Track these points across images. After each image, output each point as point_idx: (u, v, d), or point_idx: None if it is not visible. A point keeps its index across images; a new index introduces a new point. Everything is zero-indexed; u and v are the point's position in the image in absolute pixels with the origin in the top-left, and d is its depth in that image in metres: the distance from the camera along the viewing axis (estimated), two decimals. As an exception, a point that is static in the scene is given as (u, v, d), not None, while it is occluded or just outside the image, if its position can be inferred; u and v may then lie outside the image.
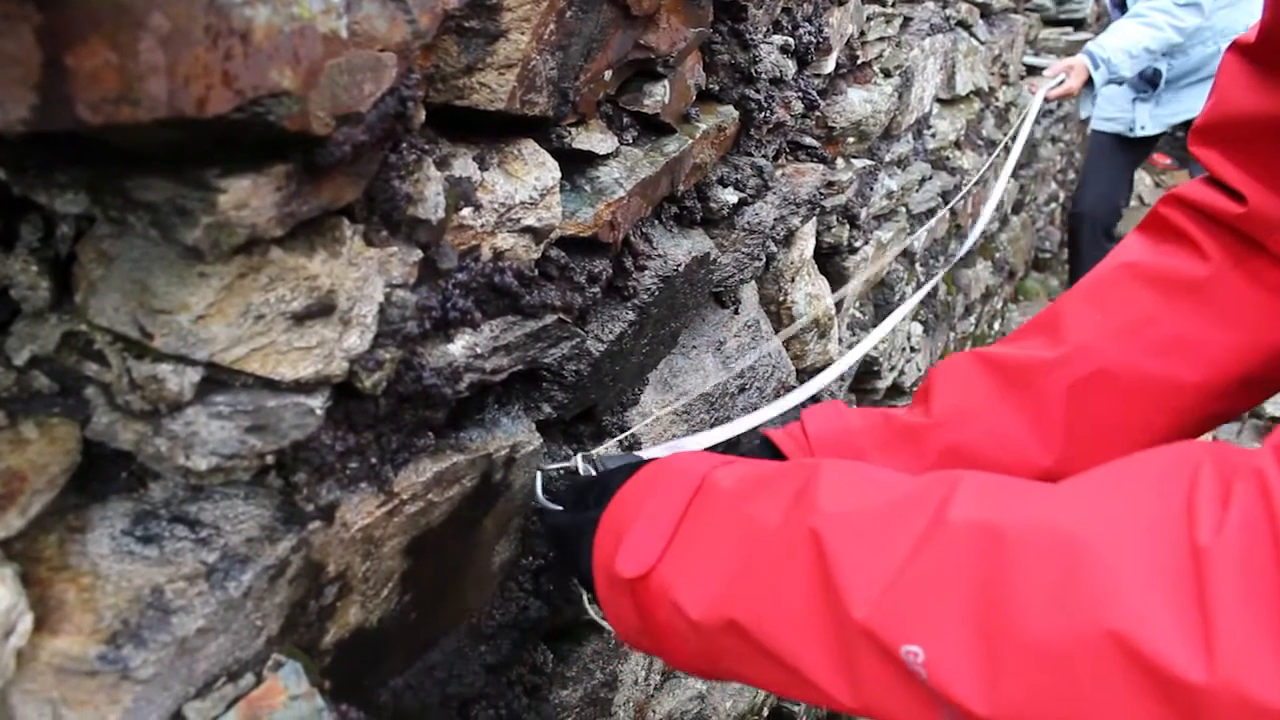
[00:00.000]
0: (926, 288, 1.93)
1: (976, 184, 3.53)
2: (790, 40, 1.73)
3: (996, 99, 4.07)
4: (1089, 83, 4.11)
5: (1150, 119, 4.90)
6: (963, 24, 3.48)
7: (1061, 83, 4.01)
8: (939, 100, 3.28)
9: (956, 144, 3.46)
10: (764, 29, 1.61)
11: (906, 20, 2.74)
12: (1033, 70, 5.19)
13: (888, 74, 2.56)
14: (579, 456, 1.26)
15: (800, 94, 1.84)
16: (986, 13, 3.88)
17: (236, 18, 0.67)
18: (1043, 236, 6.32)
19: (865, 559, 0.86)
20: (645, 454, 1.41)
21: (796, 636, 0.89)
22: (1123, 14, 4.57)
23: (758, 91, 1.59)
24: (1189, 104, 4.74)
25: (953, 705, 0.78)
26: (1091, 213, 5.25)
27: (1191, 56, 4.62)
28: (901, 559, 0.84)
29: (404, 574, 1.06)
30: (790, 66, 1.73)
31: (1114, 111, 5.02)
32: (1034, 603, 0.74)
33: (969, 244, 2.21)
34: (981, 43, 3.67)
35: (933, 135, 3.17)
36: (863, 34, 2.32)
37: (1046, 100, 3.94)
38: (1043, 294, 6.14)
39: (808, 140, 2.05)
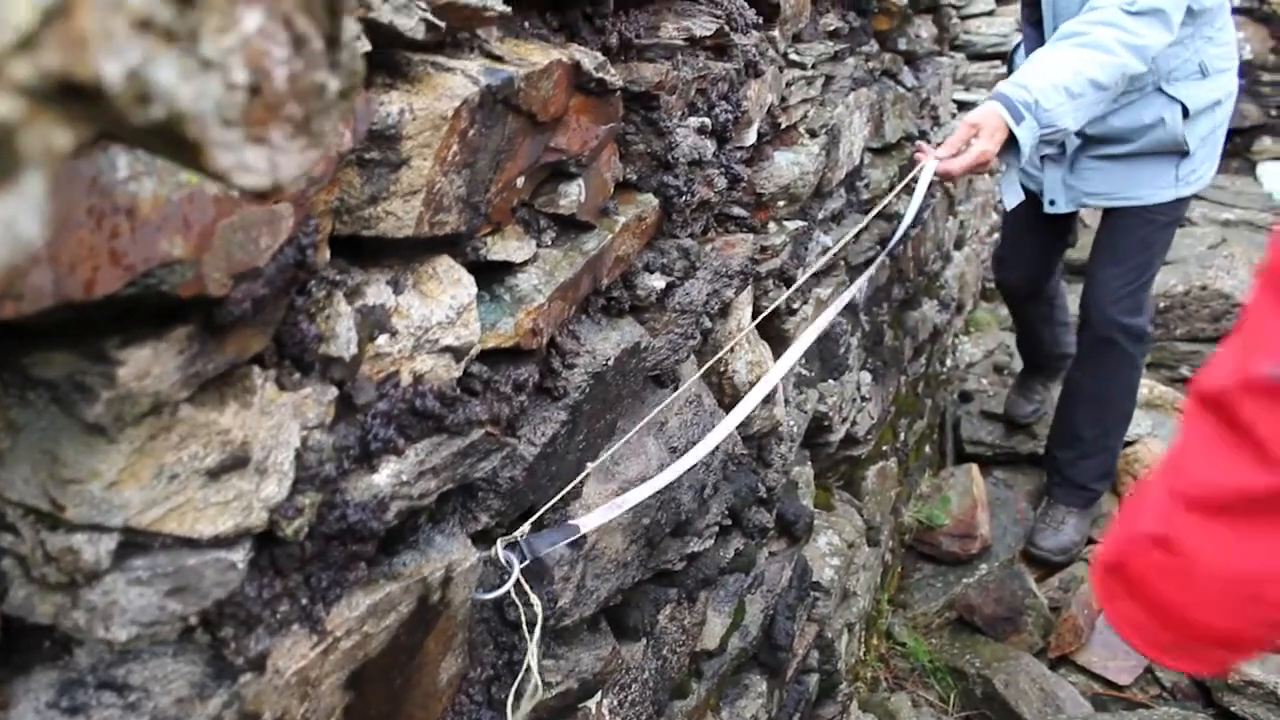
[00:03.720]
0: (829, 315, 1.95)
1: (914, 227, 3.55)
2: (707, 120, 1.74)
3: (929, 141, 4.12)
4: (1012, 144, 2.69)
5: (1062, 191, 3.61)
6: (888, 73, 3.53)
7: (959, 154, 2.68)
8: (870, 149, 3.32)
9: (891, 190, 3.50)
10: (679, 113, 1.63)
11: (829, 79, 2.77)
12: (964, 106, 5.25)
13: (813, 134, 2.59)
14: (500, 544, 1.27)
15: (722, 169, 1.86)
16: (911, 59, 3.92)
17: (121, 194, 0.68)
18: (989, 267, 6.38)
19: (1204, 375, 1.20)
20: (580, 522, 1.40)
21: (1207, 461, 1.19)
22: (1038, 37, 3.40)
23: (676, 177, 1.61)
24: (1111, 184, 3.50)
25: None
26: (1016, 289, 4.31)
27: (1118, 114, 3.33)
28: (1231, 349, 1.18)
29: (346, 708, 1.05)
30: (709, 146, 1.75)
31: (1027, 165, 3.61)
32: None
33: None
34: (908, 89, 3.72)
35: (866, 186, 3.20)
36: (784, 100, 2.34)
37: (950, 180, 2.86)
38: (994, 324, 6.19)
39: (736, 211, 2.07)
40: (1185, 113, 3.31)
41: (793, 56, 2.45)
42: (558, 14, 1.36)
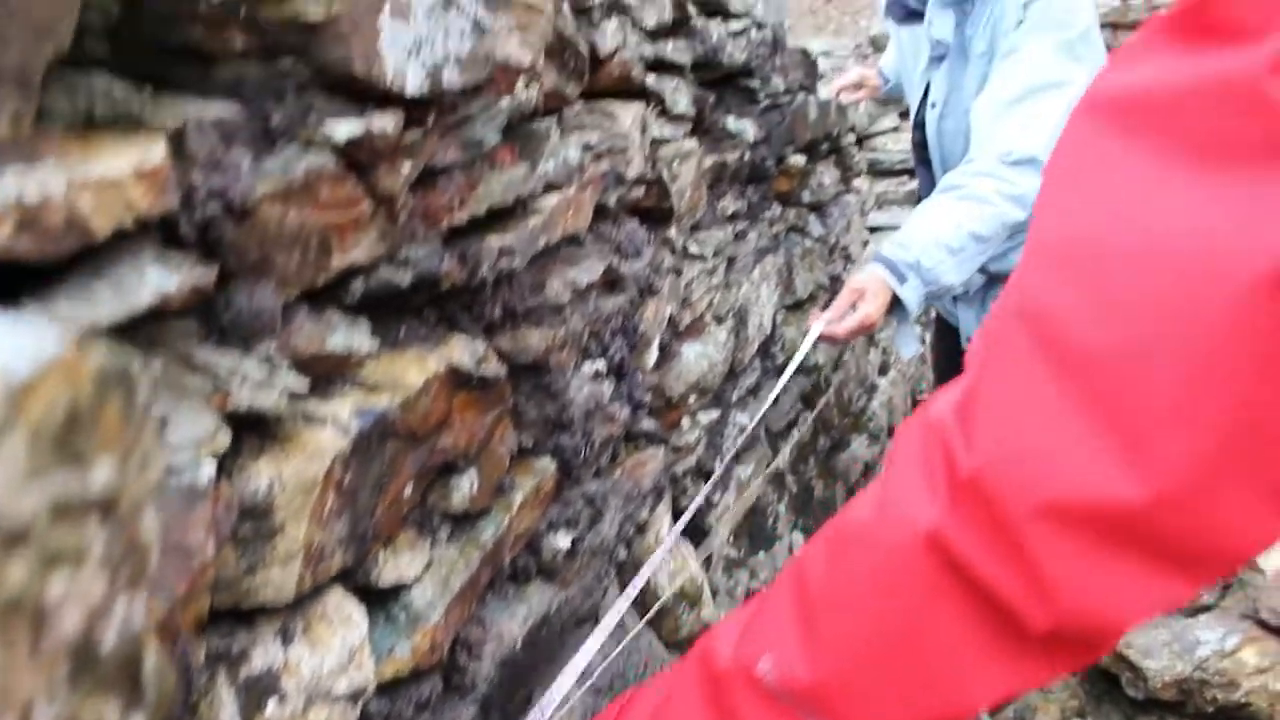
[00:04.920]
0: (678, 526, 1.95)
1: (835, 371, 3.58)
2: (602, 364, 1.76)
3: (841, 282, 4.16)
4: (898, 304, 2.65)
5: (977, 326, 3.38)
6: (794, 228, 3.57)
7: (845, 317, 2.58)
8: (784, 308, 3.35)
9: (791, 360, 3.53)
10: (570, 368, 1.64)
11: (732, 260, 2.80)
12: (876, 231, 5.34)
13: (720, 319, 2.62)
14: None
15: (625, 399, 1.88)
16: (817, 206, 3.95)
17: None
18: (917, 379, 6.44)
19: (724, 631, 1.19)
20: None
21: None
22: (929, 178, 3.35)
23: (573, 435, 1.62)
24: None
25: (795, 693, 1.03)
26: None
27: (1019, 251, 2.37)
28: (749, 615, 1.17)
29: None
30: (607, 387, 1.77)
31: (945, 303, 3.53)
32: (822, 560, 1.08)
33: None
34: (816, 239, 3.76)
35: (781, 348, 3.23)
36: (686, 299, 2.37)
37: (836, 344, 2.92)
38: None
39: (644, 426, 2.09)
40: None
41: (692, 250, 2.48)
42: (435, 307, 1.38)
